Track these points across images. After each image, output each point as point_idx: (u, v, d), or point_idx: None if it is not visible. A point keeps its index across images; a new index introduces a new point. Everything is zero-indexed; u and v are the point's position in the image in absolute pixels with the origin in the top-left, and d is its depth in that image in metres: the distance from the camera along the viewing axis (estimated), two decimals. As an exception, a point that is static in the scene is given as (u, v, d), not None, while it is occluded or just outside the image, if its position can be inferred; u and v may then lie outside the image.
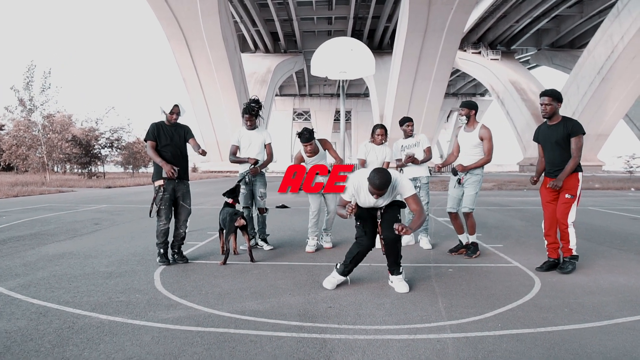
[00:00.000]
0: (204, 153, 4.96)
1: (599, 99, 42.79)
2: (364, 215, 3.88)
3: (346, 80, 10.38)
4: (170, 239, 4.94)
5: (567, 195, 4.54)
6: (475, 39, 60.77)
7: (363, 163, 5.94)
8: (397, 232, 3.52)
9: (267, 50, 60.96)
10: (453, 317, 3.13)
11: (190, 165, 57.67)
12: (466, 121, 5.22)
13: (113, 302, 3.43)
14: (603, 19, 44.16)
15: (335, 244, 5.93)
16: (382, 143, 5.89)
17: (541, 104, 4.58)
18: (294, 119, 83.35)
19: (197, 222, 8.18)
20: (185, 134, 5.00)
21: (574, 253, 4.53)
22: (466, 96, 78.83)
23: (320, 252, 5.51)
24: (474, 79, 68.05)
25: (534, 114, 53.56)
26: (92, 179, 27.63)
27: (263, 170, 5.78)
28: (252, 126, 5.69)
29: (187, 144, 5.03)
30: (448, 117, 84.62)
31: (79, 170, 32.60)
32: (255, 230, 5.76)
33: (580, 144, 4.50)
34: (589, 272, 4.45)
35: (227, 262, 4.81)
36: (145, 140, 4.83)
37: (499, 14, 54.08)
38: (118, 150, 34.41)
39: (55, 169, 39.32)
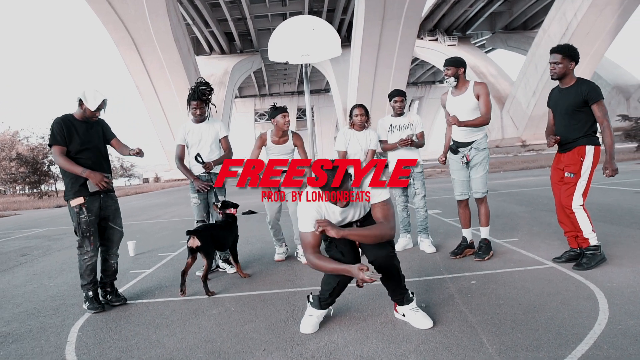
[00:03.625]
0: (140, 153, 3.66)
1: (558, 76, 43.02)
2: None
3: (309, 66, 9.22)
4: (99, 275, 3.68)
5: (567, 174, 3.69)
6: (432, 26, 60.74)
7: (344, 156, 4.82)
8: (315, 229, 2.46)
9: (222, 52, 59.22)
10: (519, 372, 2.03)
11: (152, 175, 55.69)
12: (455, 83, 4.15)
13: (-16, 397, 2.19)
14: (552, 0, 44.47)
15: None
16: (364, 127, 4.78)
17: (550, 63, 3.64)
18: (256, 120, 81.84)
19: (148, 240, 6.89)
20: (104, 131, 3.72)
21: (592, 243, 3.63)
22: (426, 84, 78.93)
23: (298, 268, 4.34)
24: (433, 67, 68.18)
25: (495, 96, 53.78)
26: (43, 199, 25.57)
27: (217, 171, 4.55)
28: (202, 116, 4.42)
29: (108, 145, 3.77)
30: (410, 106, 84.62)
31: (29, 191, 30.31)
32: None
33: (604, 110, 3.59)
34: (648, 268, 3.45)
35: (179, 297, 3.60)
36: (51, 144, 3.50)
37: (452, 0, 54.08)
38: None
39: (8, 191, 36.79)
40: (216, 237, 3.97)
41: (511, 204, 7.84)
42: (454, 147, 4.34)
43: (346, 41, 54.40)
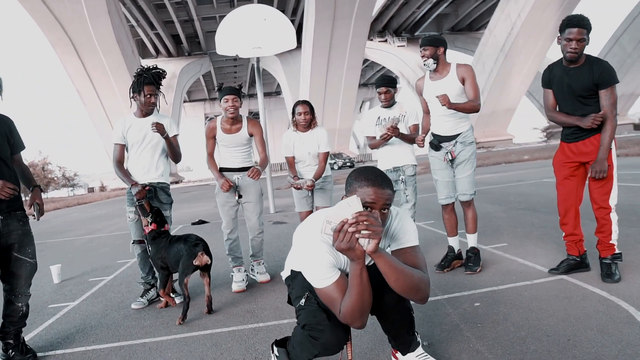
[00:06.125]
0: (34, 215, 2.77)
1: (504, 75, 44.21)
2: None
3: (259, 63, 8.49)
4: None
5: None
6: (381, 27, 61.13)
7: (293, 162, 4.09)
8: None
9: (169, 55, 57.26)
10: None
11: (97, 184, 53.31)
12: (434, 66, 3.50)
13: None
14: (497, 0, 45.56)
15: (274, 275, 4.04)
16: (310, 127, 4.07)
17: (568, 40, 2.98)
18: (205, 124, 79.92)
19: (80, 261, 5.92)
20: (9, 135, 2.80)
21: (617, 250, 3.09)
22: (375, 86, 79.43)
23: (258, 294, 3.59)
24: (383, 68, 68.60)
25: (445, 96, 54.70)
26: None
27: (164, 180, 3.69)
28: (151, 107, 3.51)
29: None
30: (361, 107, 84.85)
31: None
32: (156, 276, 3.69)
33: (614, 99, 3.01)
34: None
35: (105, 345, 2.78)
36: None
37: (401, 1, 54.56)
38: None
39: None
40: None
41: (482, 203, 7.36)
42: (436, 143, 3.70)
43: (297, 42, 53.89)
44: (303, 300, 1.83)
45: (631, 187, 7.44)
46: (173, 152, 3.58)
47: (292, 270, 1.99)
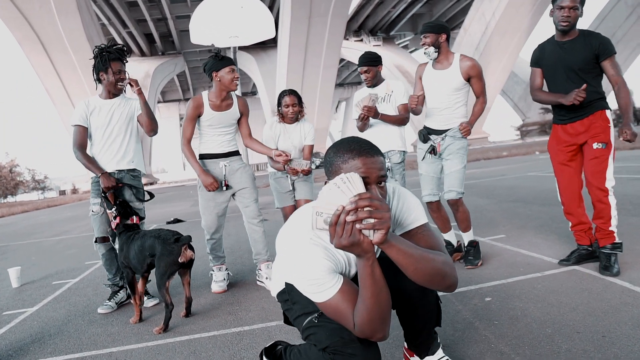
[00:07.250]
0: None
1: (480, 74, 44.55)
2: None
3: (236, 51, 8.11)
4: None
5: (596, 145, 2.84)
6: (356, 27, 61.17)
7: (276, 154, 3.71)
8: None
9: (142, 54, 56.09)
10: None
11: (68, 187, 52.01)
12: (436, 54, 3.23)
13: None
14: (471, 1, 45.98)
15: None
16: (296, 119, 3.71)
17: (560, 8, 2.76)
18: (180, 125, 78.78)
19: (46, 263, 5.46)
20: None
21: (617, 239, 2.84)
22: (352, 85, 79.45)
23: (241, 294, 3.23)
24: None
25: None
26: None
27: (134, 166, 3.29)
28: (121, 85, 3.12)
29: None
30: (337, 107, 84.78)
31: None
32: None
33: (618, 66, 2.83)
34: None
35: (65, 355, 2.40)
36: None
37: (376, 0, 54.66)
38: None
39: None
40: None
41: (471, 197, 7.14)
42: (425, 134, 3.43)
43: (271, 42, 53.39)
44: (316, 316, 1.46)
45: (618, 178, 7.34)
46: (148, 113, 3.16)
47: (286, 283, 1.58)
